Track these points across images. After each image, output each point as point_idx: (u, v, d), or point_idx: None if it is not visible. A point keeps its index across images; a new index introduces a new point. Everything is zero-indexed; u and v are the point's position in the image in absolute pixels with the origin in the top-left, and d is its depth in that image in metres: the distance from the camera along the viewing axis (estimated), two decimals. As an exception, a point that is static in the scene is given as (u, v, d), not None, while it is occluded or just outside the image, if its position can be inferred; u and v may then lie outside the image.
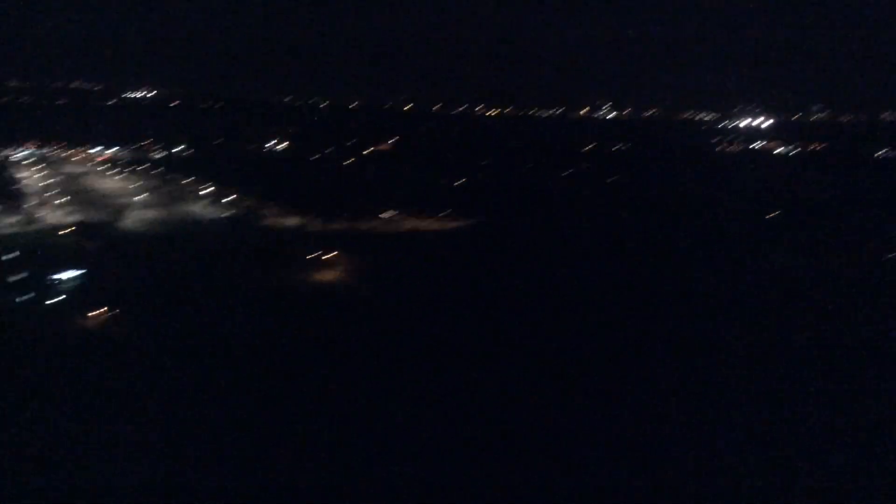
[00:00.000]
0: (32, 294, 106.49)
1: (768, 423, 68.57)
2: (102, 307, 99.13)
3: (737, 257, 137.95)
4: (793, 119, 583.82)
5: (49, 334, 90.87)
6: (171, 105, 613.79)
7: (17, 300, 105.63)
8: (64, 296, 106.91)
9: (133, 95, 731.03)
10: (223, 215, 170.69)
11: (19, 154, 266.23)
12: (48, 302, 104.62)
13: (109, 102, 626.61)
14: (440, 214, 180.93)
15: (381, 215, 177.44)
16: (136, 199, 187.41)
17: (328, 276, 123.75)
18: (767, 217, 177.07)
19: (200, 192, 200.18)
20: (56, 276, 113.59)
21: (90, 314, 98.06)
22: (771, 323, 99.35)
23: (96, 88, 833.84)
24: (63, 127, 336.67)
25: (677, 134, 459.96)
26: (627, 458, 61.88)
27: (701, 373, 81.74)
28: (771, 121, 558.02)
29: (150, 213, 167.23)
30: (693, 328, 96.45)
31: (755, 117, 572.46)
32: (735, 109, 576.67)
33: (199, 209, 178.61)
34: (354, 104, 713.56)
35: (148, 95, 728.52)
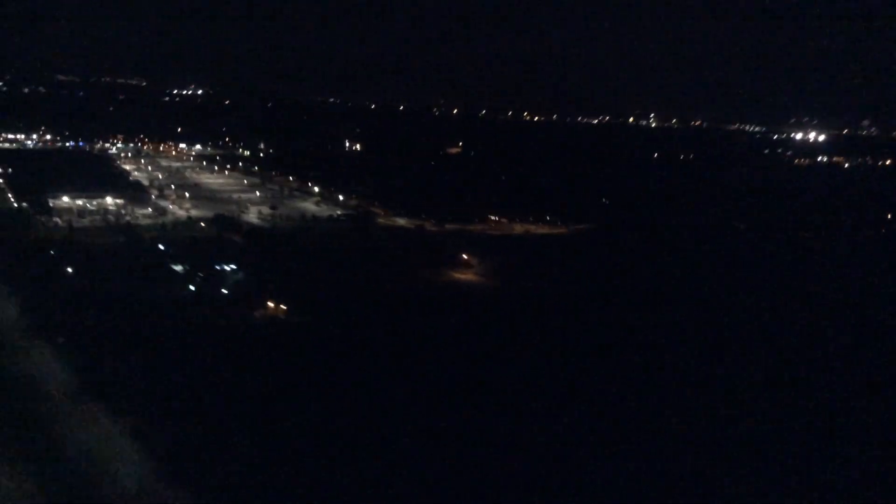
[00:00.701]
0: (201, 286, 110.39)
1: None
2: (273, 300, 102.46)
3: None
4: (843, 133, 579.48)
5: (233, 326, 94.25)
6: (226, 103, 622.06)
7: (189, 289, 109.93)
8: (230, 289, 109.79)
9: (184, 92, 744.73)
10: (338, 213, 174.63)
11: (114, 148, 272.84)
12: (220, 293, 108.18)
13: (165, 98, 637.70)
14: (545, 219, 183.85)
15: (489, 218, 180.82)
16: (249, 195, 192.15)
17: (471, 275, 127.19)
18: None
19: (304, 191, 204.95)
20: (216, 268, 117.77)
21: (266, 307, 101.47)
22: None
23: (143, 84, 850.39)
24: (134, 122, 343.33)
25: (738, 145, 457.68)
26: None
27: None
28: (823, 135, 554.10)
29: (270, 210, 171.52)
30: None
31: (806, 131, 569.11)
32: (791, 122, 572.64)
33: (312, 207, 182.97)
34: (402, 107, 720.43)
35: (199, 93, 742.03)
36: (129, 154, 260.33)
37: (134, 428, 64.90)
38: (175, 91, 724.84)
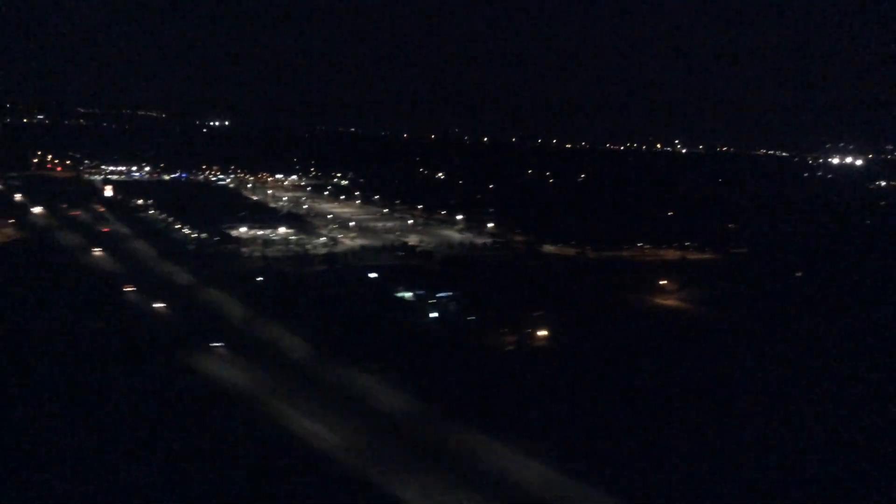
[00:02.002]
0: (444, 313, 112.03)
1: None
2: (530, 327, 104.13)
3: None
4: (869, 158, 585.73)
5: (526, 353, 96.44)
6: (262, 133, 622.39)
7: (432, 317, 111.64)
8: (475, 315, 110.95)
9: (213, 124, 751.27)
10: (492, 241, 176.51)
11: (227, 179, 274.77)
12: (466, 319, 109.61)
13: (204, 130, 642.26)
14: (685, 245, 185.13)
15: (636, 245, 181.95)
16: (387, 223, 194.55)
17: (680, 302, 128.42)
18: None
19: (435, 219, 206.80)
20: (439, 295, 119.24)
21: (523, 333, 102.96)
22: None
23: (163, 115, 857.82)
24: (210, 152, 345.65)
25: (799, 172, 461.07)
26: None
27: None
28: (860, 160, 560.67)
29: (424, 238, 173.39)
30: None
31: (842, 156, 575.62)
32: (827, 146, 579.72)
33: (457, 234, 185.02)
34: (433, 136, 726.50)
35: (226, 124, 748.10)
36: (242, 185, 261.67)
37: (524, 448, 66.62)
38: (210, 123, 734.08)
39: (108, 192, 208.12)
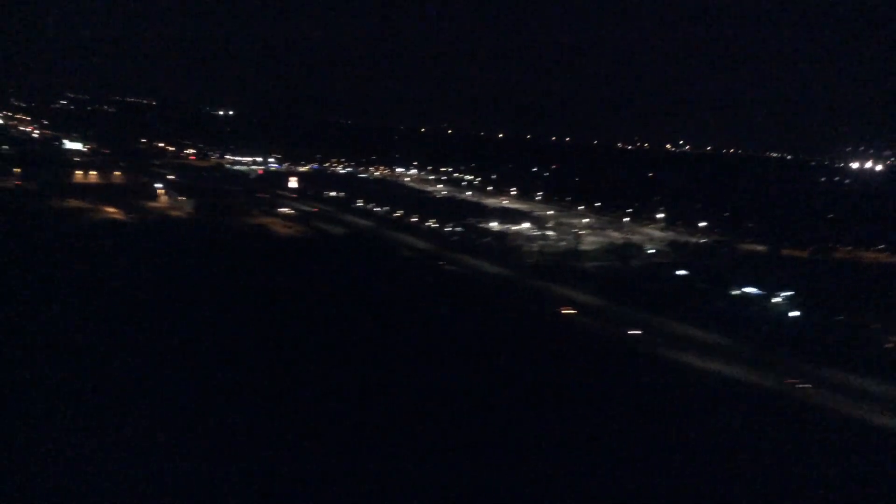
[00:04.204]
0: (805, 311, 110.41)
1: None
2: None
3: None
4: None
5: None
6: (287, 122, 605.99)
7: (790, 316, 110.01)
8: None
9: (218, 112, 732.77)
10: (708, 241, 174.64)
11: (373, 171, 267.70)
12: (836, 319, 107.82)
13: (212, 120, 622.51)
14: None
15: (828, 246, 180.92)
16: (577, 220, 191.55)
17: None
18: None
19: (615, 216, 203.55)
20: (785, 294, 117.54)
21: None
22: None
23: (153, 103, 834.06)
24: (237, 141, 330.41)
25: (823, 175, 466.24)
26: None
27: None
28: (880, 166, 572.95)
29: (630, 236, 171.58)
30: None
31: (862, 160, 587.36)
32: (847, 150, 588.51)
33: (658, 232, 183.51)
34: (450, 131, 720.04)
35: (230, 113, 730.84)
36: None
37: None
38: (209, 110, 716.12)
39: (293, 183, 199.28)
